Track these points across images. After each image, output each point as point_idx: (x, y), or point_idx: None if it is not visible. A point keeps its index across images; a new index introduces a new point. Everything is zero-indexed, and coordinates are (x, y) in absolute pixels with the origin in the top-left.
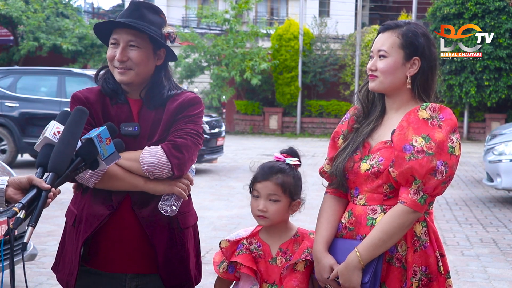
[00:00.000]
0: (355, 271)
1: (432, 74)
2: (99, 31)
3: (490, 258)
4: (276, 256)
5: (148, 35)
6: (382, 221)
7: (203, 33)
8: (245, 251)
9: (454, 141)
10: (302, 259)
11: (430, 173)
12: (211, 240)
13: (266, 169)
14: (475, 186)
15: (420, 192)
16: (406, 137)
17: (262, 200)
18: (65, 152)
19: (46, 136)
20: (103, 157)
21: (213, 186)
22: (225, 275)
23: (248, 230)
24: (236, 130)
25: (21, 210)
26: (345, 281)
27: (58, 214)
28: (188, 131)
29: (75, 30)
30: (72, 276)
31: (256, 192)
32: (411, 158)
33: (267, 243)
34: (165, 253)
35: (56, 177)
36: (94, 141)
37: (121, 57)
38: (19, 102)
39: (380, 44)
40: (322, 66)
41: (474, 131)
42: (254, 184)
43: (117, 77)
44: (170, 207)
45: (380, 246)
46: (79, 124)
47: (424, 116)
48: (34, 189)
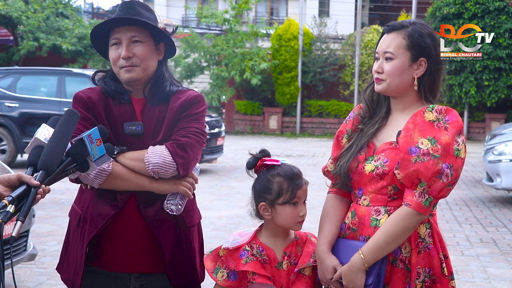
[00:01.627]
0: (358, 273)
1: (438, 75)
2: (96, 36)
3: (490, 258)
4: (282, 261)
5: (149, 29)
6: (387, 223)
7: (203, 33)
8: (252, 258)
9: (460, 144)
10: (312, 263)
11: (436, 176)
12: (211, 240)
13: (299, 174)
14: (475, 186)
15: (425, 195)
16: (412, 139)
17: (302, 205)
18: (55, 151)
19: (36, 137)
20: (93, 158)
21: (213, 186)
22: (227, 283)
23: (242, 233)
24: (236, 130)
25: (10, 203)
26: (349, 282)
27: (58, 214)
28: (192, 129)
29: (74, 30)
30: (77, 276)
31: (297, 199)
32: (417, 160)
33: (270, 247)
34: (171, 251)
35: (46, 175)
36: (85, 140)
37: (127, 54)
38: (19, 102)
39: (386, 45)
40: (322, 66)
41: (474, 131)
42: (295, 192)
43: (124, 76)
44: (175, 206)
45: (385, 248)
46: (70, 125)
47: (431, 118)
48: (24, 185)
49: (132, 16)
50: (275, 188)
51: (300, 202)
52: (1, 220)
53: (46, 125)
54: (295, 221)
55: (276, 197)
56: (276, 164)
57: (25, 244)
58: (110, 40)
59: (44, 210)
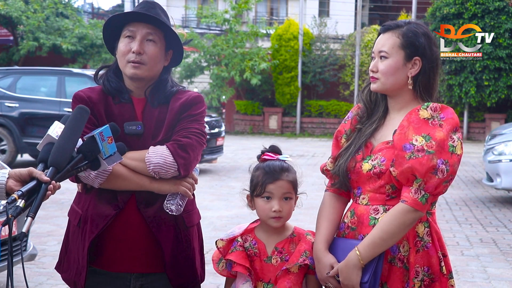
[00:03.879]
0: (354, 269)
1: (434, 74)
2: (109, 26)
3: (490, 258)
4: (271, 255)
5: (164, 33)
6: (383, 220)
7: (202, 33)
8: (239, 248)
9: (455, 140)
10: (300, 263)
11: (431, 172)
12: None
13: (276, 169)
14: (475, 186)
15: (421, 191)
16: (406, 136)
17: (276, 201)
18: (65, 147)
19: (48, 134)
20: (104, 156)
21: (213, 186)
22: (224, 273)
23: (241, 227)
24: (236, 130)
25: (20, 198)
26: (345, 279)
27: (58, 214)
28: (193, 130)
29: (74, 30)
30: (80, 276)
31: (268, 193)
32: (411, 157)
33: (262, 241)
34: (172, 251)
35: (56, 172)
36: (96, 138)
37: (139, 49)
38: (19, 102)
39: (381, 45)
40: (321, 66)
41: (474, 131)
42: (265, 185)
43: (129, 71)
44: (175, 206)
45: (381, 245)
46: (80, 121)
47: (425, 116)
48: (34, 180)
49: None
50: (254, 180)
51: (273, 197)
52: (11, 215)
53: (58, 122)
54: (267, 216)
55: (253, 190)
56: (270, 159)
57: (25, 244)
58: (124, 31)
59: (44, 210)
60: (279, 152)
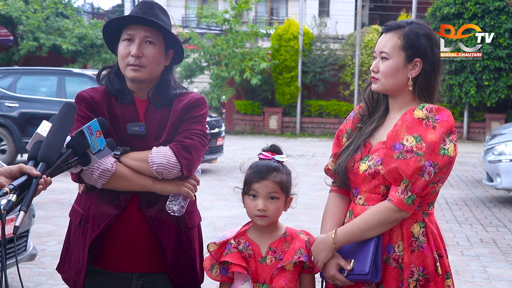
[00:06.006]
0: (325, 249)
1: (434, 75)
2: (108, 28)
3: (490, 258)
4: (266, 256)
5: (163, 33)
6: (367, 212)
7: (202, 33)
8: (233, 250)
9: (448, 143)
10: (295, 260)
11: (418, 173)
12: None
13: (263, 168)
14: (475, 186)
15: (408, 192)
16: (398, 135)
17: (261, 200)
18: (55, 142)
19: (37, 132)
20: (93, 150)
21: (213, 186)
22: (219, 278)
23: (234, 230)
24: (236, 130)
25: (12, 191)
26: (315, 253)
27: (58, 214)
28: (195, 131)
29: (74, 30)
30: (80, 275)
31: (254, 192)
32: (399, 157)
33: (256, 242)
34: (173, 252)
35: (47, 167)
36: (85, 132)
37: (137, 52)
38: (19, 102)
39: (382, 45)
40: (322, 66)
41: (474, 131)
42: (251, 184)
43: (130, 74)
44: (177, 206)
45: (357, 234)
46: (68, 117)
47: (420, 116)
48: (25, 176)
49: (150, 17)
50: (244, 178)
51: (259, 196)
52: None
53: (46, 121)
54: (252, 214)
55: (243, 187)
56: (266, 158)
57: (25, 244)
58: (123, 35)
59: (44, 210)
60: (279, 151)
